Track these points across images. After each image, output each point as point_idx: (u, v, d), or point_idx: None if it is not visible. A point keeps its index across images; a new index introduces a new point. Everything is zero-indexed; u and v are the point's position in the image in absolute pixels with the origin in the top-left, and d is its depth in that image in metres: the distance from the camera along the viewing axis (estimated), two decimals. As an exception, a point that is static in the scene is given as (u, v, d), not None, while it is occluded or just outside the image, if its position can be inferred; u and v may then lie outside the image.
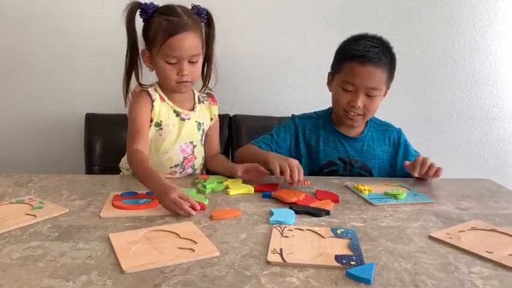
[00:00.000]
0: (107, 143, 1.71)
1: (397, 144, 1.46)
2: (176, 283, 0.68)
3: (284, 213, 0.98)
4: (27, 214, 0.95)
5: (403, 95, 1.91)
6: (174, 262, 0.74)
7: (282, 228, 0.89)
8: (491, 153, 1.98)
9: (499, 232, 0.91)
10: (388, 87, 1.39)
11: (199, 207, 0.97)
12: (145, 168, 1.10)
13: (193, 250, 0.78)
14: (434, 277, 0.71)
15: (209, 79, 1.36)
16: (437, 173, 1.23)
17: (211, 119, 1.42)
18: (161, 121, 1.29)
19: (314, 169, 1.43)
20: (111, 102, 1.37)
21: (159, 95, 1.30)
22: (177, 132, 1.32)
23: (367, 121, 1.46)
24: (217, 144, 1.46)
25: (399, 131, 1.48)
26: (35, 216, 0.94)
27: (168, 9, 1.22)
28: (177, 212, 0.95)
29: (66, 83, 1.84)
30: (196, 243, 0.81)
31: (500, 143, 1.98)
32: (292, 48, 1.84)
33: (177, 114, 1.32)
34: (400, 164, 1.44)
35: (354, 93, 1.33)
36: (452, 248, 0.83)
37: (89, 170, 1.69)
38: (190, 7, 1.26)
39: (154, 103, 1.28)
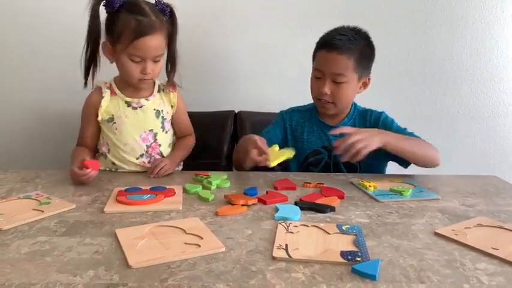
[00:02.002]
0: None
1: (377, 123, 1.44)
2: (182, 278, 0.68)
3: (289, 210, 0.98)
4: (34, 209, 0.96)
5: (408, 92, 1.90)
6: (180, 257, 0.74)
7: (288, 224, 0.89)
8: (497, 150, 1.97)
9: (505, 229, 0.91)
10: (361, 77, 1.39)
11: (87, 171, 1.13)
12: (73, 158, 1.27)
13: (199, 245, 0.79)
14: (439, 273, 0.71)
15: (173, 75, 1.37)
16: (354, 156, 1.19)
17: (172, 106, 1.43)
18: (113, 115, 1.34)
19: (300, 158, 1.46)
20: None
21: (111, 90, 1.35)
22: (131, 121, 1.34)
23: (350, 110, 1.48)
24: (185, 128, 1.50)
25: (379, 113, 1.48)
26: (42, 211, 0.95)
27: (136, 7, 1.23)
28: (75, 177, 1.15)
29: (71, 79, 1.84)
30: (202, 238, 0.82)
31: (506, 139, 1.97)
32: (297, 44, 1.84)
33: (128, 104, 1.35)
34: None
35: (322, 79, 1.37)
36: (458, 244, 0.83)
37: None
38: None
39: (102, 100, 1.33)
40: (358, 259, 0.75)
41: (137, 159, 1.35)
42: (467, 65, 1.88)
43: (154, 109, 1.37)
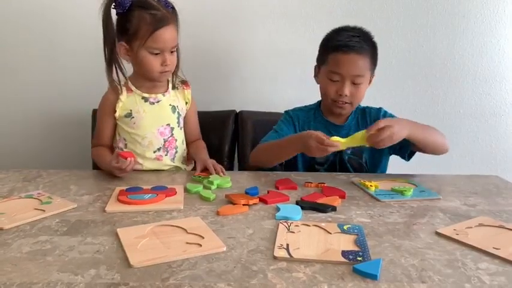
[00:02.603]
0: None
1: (378, 118, 1.44)
2: (183, 277, 0.68)
3: (290, 209, 0.98)
4: (36, 209, 0.97)
5: (410, 91, 1.90)
6: (181, 257, 0.74)
7: (289, 224, 0.89)
8: (499, 150, 1.97)
9: (507, 228, 0.90)
10: (372, 75, 1.43)
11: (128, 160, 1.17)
12: (103, 158, 1.31)
13: (201, 245, 0.79)
14: (441, 273, 0.71)
15: (178, 68, 1.41)
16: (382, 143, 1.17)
17: (186, 102, 1.47)
18: (131, 110, 1.36)
19: (307, 157, 1.45)
20: (118, 98, 1.37)
21: (127, 87, 1.37)
22: (149, 116, 1.37)
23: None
24: (196, 129, 1.53)
25: (378, 109, 1.50)
26: (44, 211, 0.95)
27: (145, 3, 1.27)
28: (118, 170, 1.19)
29: (73, 79, 1.85)
30: (203, 238, 0.82)
31: (508, 139, 1.96)
32: (299, 43, 1.84)
33: (146, 99, 1.38)
34: None
35: (341, 82, 1.37)
36: (459, 244, 0.83)
37: (96, 166, 1.69)
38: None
39: (120, 97, 1.35)
40: (360, 259, 0.75)
41: (154, 152, 1.38)
42: (469, 64, 1.88)
43: (170, 104, 1.41)
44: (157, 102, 1.39)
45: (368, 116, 1.49)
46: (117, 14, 1.28)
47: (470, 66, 1.88)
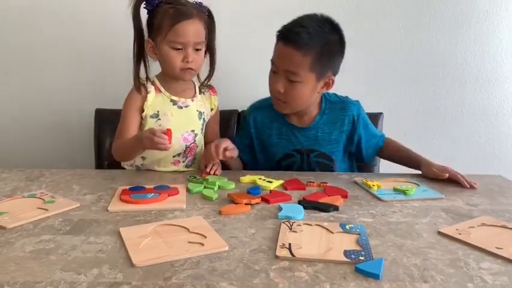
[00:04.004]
0: (116, 139, 1.72)
1: (355, 122, 1.39)
2: (186, 277, 0.68)
3: (293, 209, 0.98)
4: (39, 208, 0.97)
5: (412, 91, 1.90)
6: (183, 256, 0.75)
7: (291, 223, 0.90)
8: (502, 149, 1.96)
9: (509, 228, 0.90)
10: (320, 77, 1.26)
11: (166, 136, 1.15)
12: (126, 141, 1.29)
13: (203, 244, 0.79)
14: (443, 272, 0.71)
15: (213, 70, 1.39)
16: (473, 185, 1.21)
17: (212, 109, 1.46)
18: (158, 111, 1.33)
19: (272, 163, 1.42)
20: (121, 98, 1.37)
21: (156, 87, 1.35)
22: (176, 120, 1.34)
23: (321, 106, 1.39)
24: (217, 134, 1.51)
25: (358, 108, 1.41)
26: (47, 210, 0.96)
27: (173, 0, 1.27)
28: (157, 142, 1.15)
29: (76, 78, 1.85)
30: (205, 237, 0.82)
31: (510, 138, 1.95)
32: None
33: (174, 102, 1.35)
34: (362, 141, 1.41)
35: (277, 74, 1.27)
36: (462, 243, 0.83)
37: (99, 165, 1.70)
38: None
39: (148, 95, 1.32)
40: (362, 258, 0.75)
41: (173, 157, 1.37)
42: (472, 64, 1.87)
43: (197, 110, 1.39)
44: (186, 107, 1.36)
45: (346, 115, 1.39)
46: (147, 13, 1.28)
47: (473, 66, 1.88)
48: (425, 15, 1.83)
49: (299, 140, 1.38)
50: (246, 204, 1.01)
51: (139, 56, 1.32)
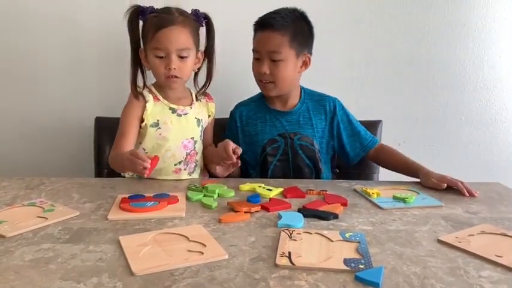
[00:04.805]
0: (116, 147, 1.72)
1: (333, 112, 1.50)
2: (185, 285, 0.68)
3: (292, 217, 0.98)
4: (38, 217, 0.97)
5: (411, 99, 1.90)
6: (183, 265, 0.75)
7: (291, 232, 0.89)
8: (501, 157, 1.96)
9: (509, 236, 0.90)
10: (299, 54, 1.40)
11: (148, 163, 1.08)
12: (119, 155, 1.23)
13: (202, 253, 0.79)
14: (443, 281, 0.71)
15: (211, 79, 1.41)
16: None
17: (209, 115, 1.47)
18: (158, 120, 1.33)
19: (257, 151, 1.48)
20: (121, 106, 1.38)
21: (153, 95, 1.35)
22: (176, 128, 1.35)
23: (301, 93, 1.52)
24: (211, 138, 1.53)
25: (335, 100, 1.53)
26: (46, 218, 0.95)
27: (163, 9, 1.29)
28: (139, 164, 1.08)
29: (76, 86, 1.85)
30: (205, 246, 0.82)
31: (510, 146, 1.96)
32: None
33: (173, 111, 1.36)
34: (342, 133, 1.50)
35: (260, 60, 1.40)
36: (462, 252, 0.83)
37: (99, 173, 1.70)
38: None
39: (147, 104, 1.32)
40: (362, 266, 0.74)
41: (175, 165, 1.37)
42: (470, 72, 1.88)
43: (195, 117, 1.40)
44: (185, 114, 1.37)
45: (328, 107, 1.50)
46: (142, 23, 1.30)
47: (472, 74, 1.89)
48: (424, 23, 1.84)
49: (282, 124, 1.47)
50: (245, 212, 1.01)
51: (136, 64, 1.33)
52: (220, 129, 1.58)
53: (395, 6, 1.82)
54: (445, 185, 1.23)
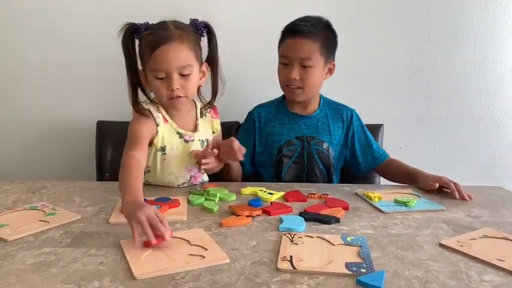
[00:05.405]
0: (118, 150, 1.70)
1: (350, 122, 1.53)
2: (187, 289, 0.68)
3: (294, 221, 0.98)
4: (40, 220, 0.97)
5: (412, 102, 1.90)
6: (184, 269, 0.74)
7: (292, 236, 0.89)
8: (502, 161, 1.96)
9: (511, 240, 0.90)
10: (326, 61, 1.43)
11: (169, 236, 0.83)
12: (131, 179, 1.01)
13: (204, 257, 0.79)
14: (445, 285, 0.71)
15: (216, 92, 1.30)
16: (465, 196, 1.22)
17: (214, 132, 1.39)
18: (165, 146, 1.25)
19: (273, 152, 1.48)
20: (123, 110, 1.37)
21: (162, 115, 1.25)
22: (182, 154, 1.27)
23: (320, 100, 1.54)
24: None
25: (353, 110, 1.55)
26: (48, 222, 0.96)
27: (158, 24, 1.18)
28: (146, 231, 0.82)
29: (77, 90, 1.86)
30: (206, 250, 0.82)
31: (511, 150, 1.96)
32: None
33: (180, 135, 1.27)
34: (356, 144, 1.51)
35: (290, 65, 1.41)
36: (463, 255, 0.83)
37: (100, 177, 1.70)
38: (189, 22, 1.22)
39: (158, 128, 1.23)
40: (363, 270, 0.74)
41: (178, 186, 1.30)
42: (471, 75, 1.88)
43: (199, 139, 1.31)
44: (192, 141, 1.28)
45: (345, 117, 1.52)
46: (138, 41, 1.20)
47: (473, 77, 1.89)
48: (426, 27, 1.84)
49: (301, 127, 1.49)
50: (247, 216, 1.01)
51: (135, 85, 1.22)
52: (222, 131, 1.57)
53: (396, 10, 1.83)
54: (437, 184, 1.25)
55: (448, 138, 1.94)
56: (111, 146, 1.71)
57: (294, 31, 1.40)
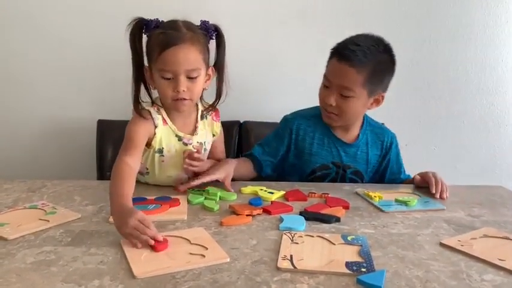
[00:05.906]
0: (118, 149, 1.71)
1: (388, 149, 1.45)
2: (187, 289, 0.68)
3: (294, 220, 0.98)
4: (40, 219, 0.97)
5: (413, 102, 1.91)
6: (185, 268, 0.74)
7: (292, 235, 0.89)
8: (503, 160, 1.96)
9: (511, 239, 0.90)
10: (371, 93, 1.30)
11: (161, 238, 0.83)
12: (119, 187, 1.01)
13: (204, 256, 0.79)
14: (445, 284, 0.71)
15: (220, 95, 1.28)
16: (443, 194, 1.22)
17: (214, 135, 1.37)
18: (163, 147, 1.24)
19: (306, 171, 1.41)
20: (123, 109, 1.37)
21: (162, 117, 1.23)
22: (179, 156, 1.25)
23: (363, 124, 1.43)
24: (222, 152, 1.44)
25: (393, 136, 1.48)
26: (48, 221, 0.95)
27: (169, 23, 1.16)
28: (136, 239, 0.83)
29: (78, 89, 1.86)
30: (206, 249, 0.82)
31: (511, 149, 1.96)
32: (302, 54, 1.85)
33: (179, 138, 1.26)
34: (387, 171, 1.46)
35: (329, 89, 1.30)
36: (464, 255, 0.83)
37: (101, 176, 1.70)
38: (199, 23, 1.21)
39: (156, 130, 1.21)
40: (364, 270, 0.74)
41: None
42: (472, 75, 1.88)
43: (198, 142, 1.29)
44: (190, 144, 1.27)
45: (385, 143, 1.45)
46: (147, 37, 1.18)
47: (474, 77, 1.89)
48: (427, 27, 1.84)
49: (339, 153, 1.40)
50: (247, 215, 1.01)
51: (138, 81, 1.20)
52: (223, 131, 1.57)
53: (397, 10, 1.83)
54: (418, 177, 1.27)
55: (449, 137, 1.94)
56: (111, 144, 1.71)
57: (341, 55, 1.26)
